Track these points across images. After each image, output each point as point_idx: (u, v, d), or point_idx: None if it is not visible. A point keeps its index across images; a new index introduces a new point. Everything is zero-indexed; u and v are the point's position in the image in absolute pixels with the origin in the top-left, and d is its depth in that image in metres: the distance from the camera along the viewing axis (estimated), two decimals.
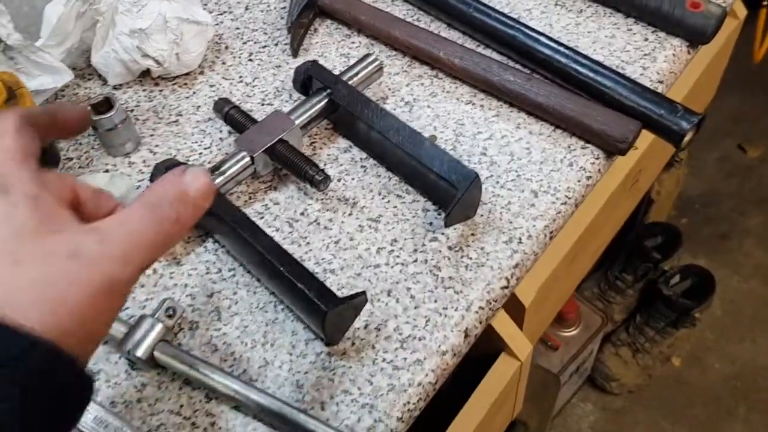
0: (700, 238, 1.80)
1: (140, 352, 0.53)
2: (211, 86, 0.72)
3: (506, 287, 0.58)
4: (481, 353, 0.74)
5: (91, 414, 0.52)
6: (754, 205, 1.88)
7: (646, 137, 0.86)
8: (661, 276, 1.57)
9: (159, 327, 0.54)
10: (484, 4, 0.72)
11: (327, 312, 0.51)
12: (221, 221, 0.58)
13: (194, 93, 0.71)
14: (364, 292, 0.54)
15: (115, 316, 0.33)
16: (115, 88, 0.73)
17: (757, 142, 2.00)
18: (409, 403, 0.53)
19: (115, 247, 0.32)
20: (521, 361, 0.71)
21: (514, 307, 0.72)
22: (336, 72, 0.67)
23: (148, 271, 0.60)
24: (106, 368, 0.55)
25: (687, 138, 0.63)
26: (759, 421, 1.53)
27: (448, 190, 0.59)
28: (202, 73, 0.73)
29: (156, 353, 0.54)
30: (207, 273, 0.60)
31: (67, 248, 0.31)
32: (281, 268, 0.54)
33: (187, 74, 0.73)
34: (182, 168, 0.37)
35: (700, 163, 1.94)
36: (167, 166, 0.61)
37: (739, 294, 1.72)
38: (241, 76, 0.73)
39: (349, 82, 0.65)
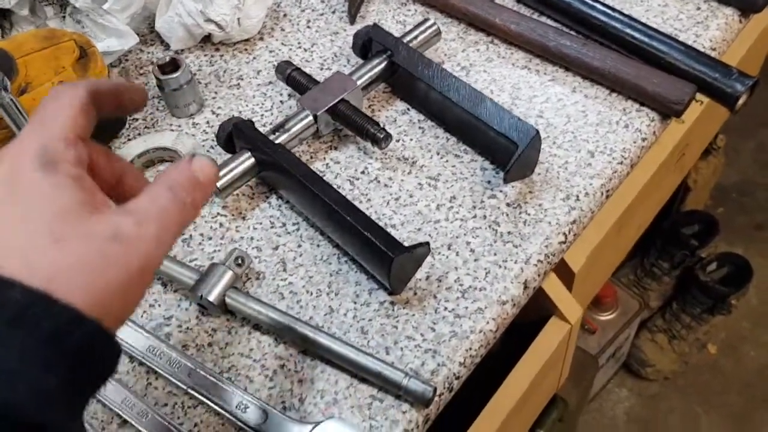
0: (735, 227, 1.79)
1: (212, 297, 0.55)
2: (271, 52, 0.74)
3: (564, 242, 0.60)
4: (531, 320, 0.75)
5: (164, 356, 0.54)
6: None
7: (693, 112, 0.87)
8: (698, 263, 1.56)
9: (229, 274, 0.56)
10: None
11: (394, 258, 0.53)
12: (289, 175, 0.59)
13: (254, 58, 0.74)
14: (427, 243, 0.56)
15: (144, 294, 0.34)
16: (177, 53, 0.75)
17: None
18: (471, 349, 0.54)
19: (151, 229, 0.33)
20: (571, 324, 0.72)
21: (563, 273, 0.73)
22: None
23: (215, 225, 0.62)
24: (178, 314, 0.57)
25: (741, 101, 0.64)
26: None
27: (508, 148, 0.60)
28: (261, 39, 0.75)
29: (227, 299, 0.56)
30: (272, 227, 0.62)
31: (107, 230, 0.32)
32: (348, 218, 0.56)
33: (246, 40, 0.75)
34: (189, 157, 0.39)
35: (736, 153, 1.93)
36: (234, 123, 0.62)
37: None
38: (299, 43, 0.75)
39: (410, 45, 0.67)
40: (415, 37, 0.68)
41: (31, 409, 0.27)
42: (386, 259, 0.53)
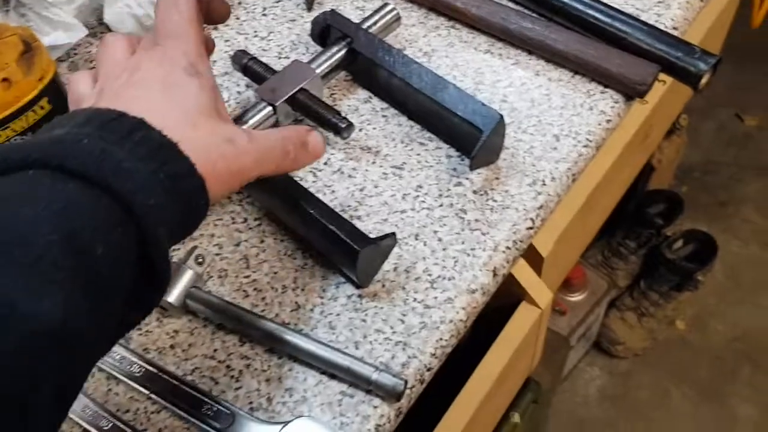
0: (700, 205, 1.81)
1: (172, 298, 0.53)
2: (226, 41, 0.72)
3: (531, 228, 0.59)
4: (502, 305, 0.75)
5: (125, 360, 0.52)
6: (751, 173, 1.90)
7: (656, 92, 0.87)
8: (664, 241, 1.58)
9: (189, 273, 0.54)
10: None
11: (359, 251, 0.52)
12: None
13: None
14: (393, 234, 0.54)
15: (227, 194, 0.46)
16: None
17: (754, 111, 2.01)
18: (441, 339, 0.53)
19: (257, 149, 0.43)
20: (542, 309, 0.72)
21: (532, 258, 0.73)
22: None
23: None
24: None
25: (704, 80, 0.64)
26: (763, 382, 1.56)
27: (472, 134, 0.59)
28: (215, 28, 0.73)
29: (188, 300, 0.54)
30: (233, 223, 0.60)
31: (227, 133, 0.42)
32: (311, 211, 0.54)
33: None
34: (310, 128, 0.49)
35: (698, 133, 1.95)
36: None
37: (739, 259, 1.74)
38: (255, 31, 0.73)
39: (369, 31, 0.65)
40: (375, 23, 0.66)
41: (153, 217, 0.34)
42: (352, 253, 0.52)
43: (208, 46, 0.50)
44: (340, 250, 0.53)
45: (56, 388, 0.30)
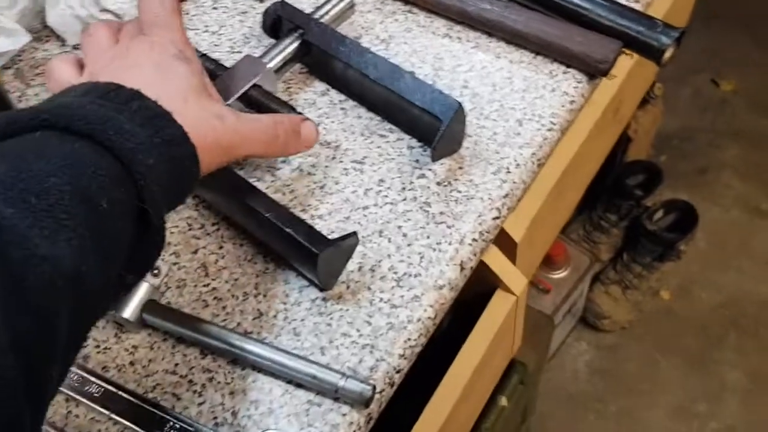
0: (679, 173, 1.80)
1: (127, 314, 0.51)
2: None
3: (498, 218, 0.57)
4: (478, 293, 0.73)
5: (83, 381, 0.51)
6: (729, 138, 1.89)
7: (624, 66, 0.85)
8: (644, 212, 1.57)
9: (144, 286, 0.52)
10: None
11: (319, 254, 0.50)
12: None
13: None
14: (354, 233, 0.53)
15: (217, 166, 0.45)
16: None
17: (729, 75, 2.00)
18: (409, 339, 0.52)
19: (245, 129, 0.46)
20: (517, 296, 0.70)
21: (505, 244, 0.71)
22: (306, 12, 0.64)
23: None
24: (93, 333, 0.53)
25: (668, 54, 0.62)
26: (750, 347, 1.56)
27: (432, 124, 0.57)
28: None
29: (144, 314, 0.52)
30: (189, 229, 0.58)
31: (218, 111, 0.45)
32: (267, 215, 0.52)
33: None
34: (304, 117, 0.53)
35: (674, 100, 1.93)
36: None
37: (721, 225, 1.74)
38: (206, 26, 0.70)
39: (321, 21, 0.63)
40: (327, 12, 0.64)
41: (152, 175, 0.37)
42: (311, 256, 0.50)
43: (180, 6, 0.51)
44: (299, 253, 0.52)
45: (71, 334, 0.32)
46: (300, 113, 0.58)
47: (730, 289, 1.64)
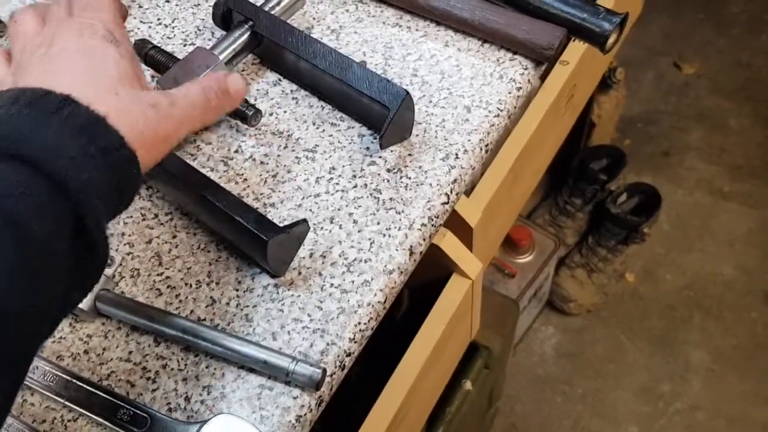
0: (643, 156, 1.83)
1: (82, 303, 0.52)
2: (129, 31, 0.69)
3: (446, 203, 0.59)
4: (435, 280, 0.75)
5: (38, 370, 0.51)
6: (692, 121, 1.92)
7: (576, 52, 0.86)
8: (608, 196, 1.60)
9: None
10: None
11: (268, 241, 0.51)
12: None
13: None
14: (305, 220, 0.54)
15: (159, 158, 0.43)
16: None
17: (691, 58, 2.03)
18: (360, 323, 0.53)
19: (178, 111, 0.44)
20: (472, 280, 0.72)
21: (461, 229, 0.73)
22: (257, 4, 0.65)
23: None
24: None
25: (611, 40, 0.63)
26: (713, 327, 1.59)
27: (381, 112, 0.58)
28: None
29: (98, 303, 0.53)
30: (143, 219, 0.58)
31: (150, 100, 0.43)
32: (218, 204, 0.53)
33: None
34: (227, 72, 0.52)
35: (637, 84, 1.96)
36: None
37: (684, 207, 1.77)
38: (159, 18, 0.70)
39: (271, 13, 0.63)
40: (278, 3, 0.65)
41: (88, 192, 0.35)
42: (261, 243, 0.51)
43: (122, 12, 0.49)
44: (249, 241, 0.53)
45: None
46: (252, 105, 0.59)
47: (693, 271, 1.67)
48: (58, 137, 0.35)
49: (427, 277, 0.73)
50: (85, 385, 0.50)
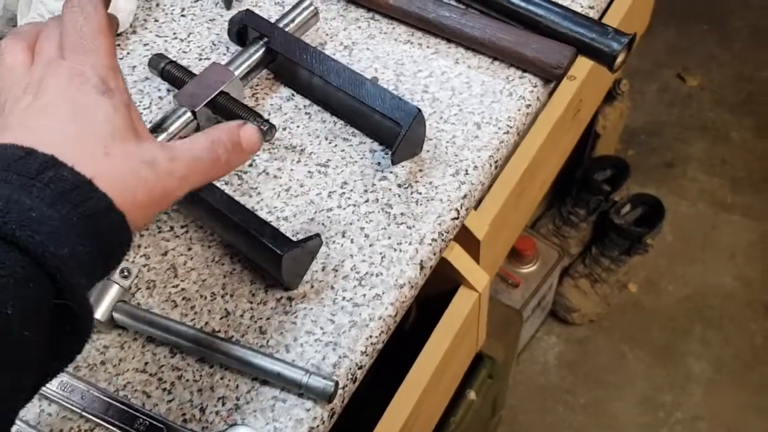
0: (646, 167, 1.84)
1: (98, 314, 0.53)
2: (145, 45, 0.71)
3: (456, 218, 0.60)
4: (442, 292, 0.76)
5: (56, 380, 0.52)
6: (695, 133, 1.93)
7: (583, 67, 0.88)
8: (612, 207, 1.61)
9: (115, 288, 0.54)
10: None
11: (282, 256, 0.52)
12: None
13: (128, 53, 0.70)
14: (318, 235, 0.55)
15: (155, 216, 0.43)
16: None
17: (695, 70, 2.04)
18: (371, 336, 0.54)
19: (181, 167, 0.40)
20: (479, 292, 0.73)
21: (469, 242, 0.74)
22: (272, 20, 0.66)
23: None
24: None
25: (619, 59, 0.65)
26: (714, 337, 1.60)
27: (393, 129, 0.59)
28: (134, 32, 0.72)
29: (115, 314, 0.54)
30: (159, 232, 0.59)
31: (146, 156, 0.39)
32: (233, 218, 0.54)
33: (118, 35, 0.71)
34: (242, 122, 0.45)
35: (641, 96, 1.97)
36: None
37: (687, 218, 1.78)
38: (175, 33, 0.72)
39: (286, 29, 0.65)
40: (292, 20, 0.66)
41: (68, 267, 0.32)
42: (275, 257, 0.52)
43: (111, 25, 0.45)
44: (264, 255, 0.54)
45: None
46: (266, 120, 0.60)
47: (695, 282, 1.68)
48: (38, 207, 0.32)
49: (435, 288, 0.73)
50: (101, 396, 0.51)
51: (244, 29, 0.65)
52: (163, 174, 0.39)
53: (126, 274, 0.55)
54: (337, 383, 0.50)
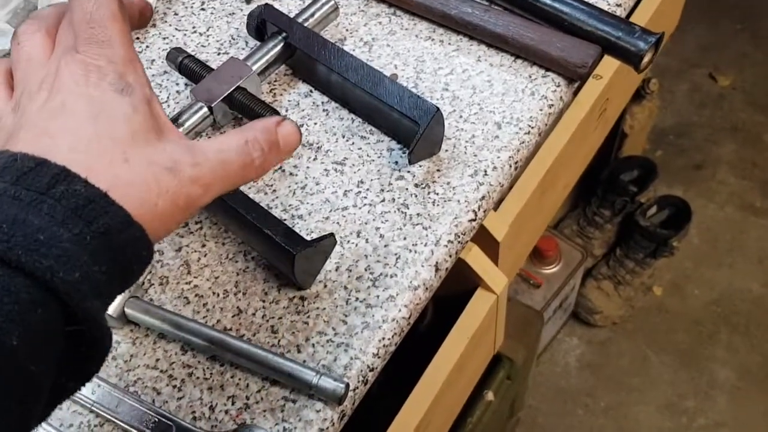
0: (675, 169, 1.81)
1: (111, 310, 0.53)
2: (164, 38, 0.70)
3: (474, 220, 0.58)
4: (460, 293, 0.75)
5: None
6: (726, 134, 1.89)
7: (610, 66, 0.86)
8: (638, 208, 1.58)
9: None
10: None
11: (295, 255, 0.51)
12: None
13: (147, 47, 0.70)
14: (332, 234, 0.54)
15: (180, 224, 0.39)
16: None
17: (727, 70, 2.00)
18: (384, 338, 0.53)
19: (206, 174, 0.37)
20: (497, 295, 0.72)
21: (488, 243, 0.73)
22: (291, 15, 0.65)
23: None
24: None
25: (646, 59, 0.63)
26: (740, 343, 1.57)
27: (411, 127, 0.58)
28: (154, 25, 0.71)
29: (127, 309, 0.54)
30: None
31: (167, 161, 0.36)
32: (247, 216, 0.54)
33: None
34: (280, 118, 0.41)
35: (671, 95, 1.94)
36: None
37: (715, 221, 1.74)
38: (194, 27, 0.71)
39: (305, 24, 0.64)
40: (312, 15, 0.65)
41: (80, 292, 0.30)
42: (288, 256, 0.52)
43: (145, 14, 0.43)
44: (277, 253, 0.53)
45: None
46: (284, 116, 0.60)
47: (722, 287, 1.65)
48: (47, 227, 0.30)
49: (452, 289, 0.72)
50: (112, 391, 0.51)
51: (263, 24, 0.65)
52: (187, 180, 0.36)
53: None
54: (347, 385, 0.50)
